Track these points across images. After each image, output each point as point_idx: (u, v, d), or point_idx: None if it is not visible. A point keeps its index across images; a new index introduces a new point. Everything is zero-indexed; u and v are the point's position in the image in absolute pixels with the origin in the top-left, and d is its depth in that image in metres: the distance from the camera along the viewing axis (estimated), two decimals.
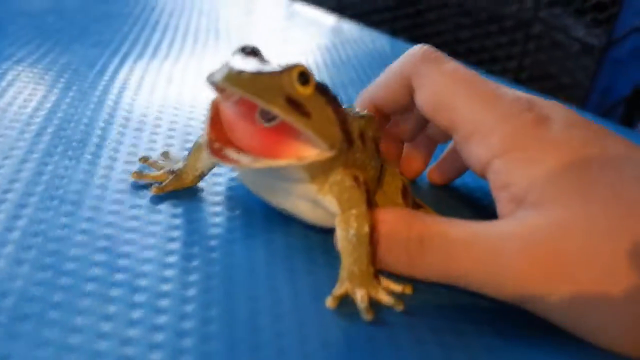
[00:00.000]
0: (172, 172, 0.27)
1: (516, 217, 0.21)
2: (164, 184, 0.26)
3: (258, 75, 0.19)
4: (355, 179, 0.23)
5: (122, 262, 0.22)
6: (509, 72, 0.53)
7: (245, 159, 0.20)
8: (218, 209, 0.26)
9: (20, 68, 0.37)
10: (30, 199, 0.25)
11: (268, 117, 0.21)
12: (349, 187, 0.23)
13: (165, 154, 0.29)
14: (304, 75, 0.20)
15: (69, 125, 0.31)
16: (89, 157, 0.28)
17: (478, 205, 0.30)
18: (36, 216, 0.24)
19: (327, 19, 0.61)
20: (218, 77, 0.19)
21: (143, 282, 0.21)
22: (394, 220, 0.23)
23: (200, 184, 0.27)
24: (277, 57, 0.46)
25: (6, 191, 0.25)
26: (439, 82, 0.24)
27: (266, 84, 0.19)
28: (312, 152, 0.20)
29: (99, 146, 0.30)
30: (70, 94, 0.35)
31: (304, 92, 0.20)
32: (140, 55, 0.43)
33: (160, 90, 0.37)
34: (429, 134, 0.30)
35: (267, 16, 0.60)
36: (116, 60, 0.41)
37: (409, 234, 0.22)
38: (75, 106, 0.33)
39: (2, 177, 0.26)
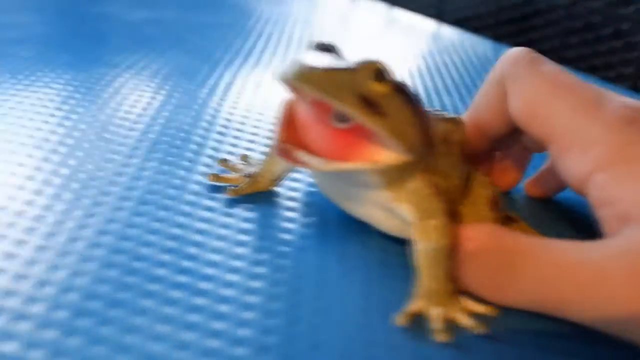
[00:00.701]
0: (248, 175, 0.26)
1: (623, 235, 0.18)
2: (239, 187, 0.26)
3: (330, 72, 0.18)
4: (436, 186, 0.21)
5: (191, 264, 0.22)
6: (626, 79, 0.48)
7: (314, 161, 0.18)
8: (292, 214, 0.25)
9: (126, 75, 0.39)
10: (126, 203, 0.25)
11: (342, 117, 0.19)
12: (428, 195, 0.21)
13: (245, 157, 0.28)
14: (381, 73, 0.18)
15: (168, 132, 0.31)
16: (187, 163, 0.28)
17: (580, 223, 0.27)
18: (130, 220, 0.24)
19: (427, 25, 0.59)
20: (288, 75, 0.18)
21: (205, 285, 0.21)
22: (482, 237, 0.20)
23: (277, 189, 0.27)
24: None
25: (105, 194, 0.25)
26: (536, 87, 0.21)
27: (338, 81, 0.18)
28: (387, 156, 0.19)
29: (196, 152, 0.29)
30: (173, 100, 0.35)
31: (380, 90, 0.18)
32: (231, 62, 0.43)
33: (247, 95, 0.37)
34: (524, 142, 0.27)
35: (365, 22, 0.58)
36: (206, 68, 0.41)
37: (499, 255, 0.20)
38: (177, 113, 0.34)
39: (103, 180, 0.26)
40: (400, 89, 0.19)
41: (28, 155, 0.28)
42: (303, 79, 0.18)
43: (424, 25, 0.59)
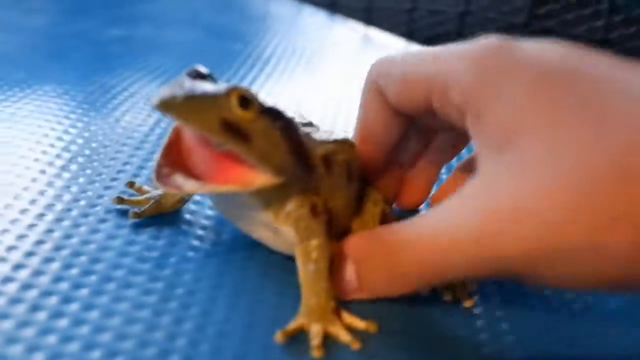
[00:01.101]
0: (153, 197, 0.26)
1: (472, 183, 0.19)
2: (142, 209, 0.26)
3: (192, 98, 0.19)
4: (313, 207, 0.22)
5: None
6: None
7: (189, 185, 0.19)
8: (194, 236, 0.26)
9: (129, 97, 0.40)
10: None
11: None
12: (306, 216, 0.21)
13: (136, 188, 0.28)
14: (245, 99, 0.19)
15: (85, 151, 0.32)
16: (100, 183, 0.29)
17: None
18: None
19: (398, 43, 0.60)
20: (154, 101, 0.19)
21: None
22: (362, 242, 0.22)
23: (186, 215, 0.27)
24: (329, 78, 0.46)
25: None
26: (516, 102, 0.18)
27: (200, 107, 0.18)
28: (257, 178, 0.20)
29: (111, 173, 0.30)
30: (86, 119, 0.36)
31: (245, 116, 0.19)
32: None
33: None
34: (429, 158, 0.28)
35: (342, 41, 0.59)
36: (153, 85, 0.42)
37: (383, 252, 0.21)
38: (94, 131, 0.35)
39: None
40: (269, 114, 0.20)
41: None
42: (166, 105, 0.18)
43: (395, 44, 0.60)
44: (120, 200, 0.26)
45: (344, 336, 0.21)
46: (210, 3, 0.68)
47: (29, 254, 0.23)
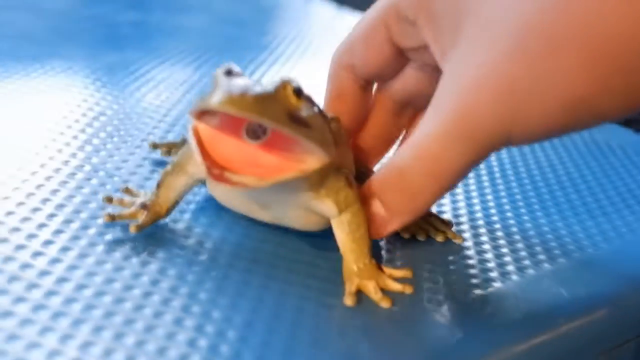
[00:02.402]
0: (144, 206, 0.25)
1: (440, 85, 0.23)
2: (140, 220, 0.25)
3: (258, 96, 0.20)
4: (347, 178, 0.24)
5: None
6: None
7: (250, 180, 0.20)
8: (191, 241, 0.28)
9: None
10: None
11: (256, 135, 0.21)
12: (343, 187, 0.24)
13: (127, 190, 0.27)
14: (298, 90, 0.21)
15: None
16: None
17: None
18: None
19: None
20: (216, 103, 0.19)
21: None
22: (379, 174, 0.24)
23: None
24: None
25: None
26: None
27: (268, 104, 0.20)
28: (312, 161, 0.21)
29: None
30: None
31: (299, 104, 0.21)
32: (188, 64, 0.46)
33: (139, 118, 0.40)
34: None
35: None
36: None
37: (395, 175, 0.23)
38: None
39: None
40: (310, 100, 0.22)
41: None
42: (239, 106, 0.19)
43: None
44: (111, 217, 0.25)
45: (395, 286, 0.24)
46: None
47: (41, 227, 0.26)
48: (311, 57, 0.52)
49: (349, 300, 0.23)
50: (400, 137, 0.30)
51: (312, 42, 0.56)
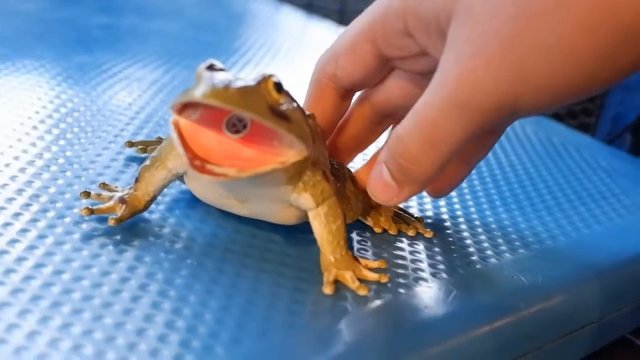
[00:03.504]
0: (122, 200, 0.25)
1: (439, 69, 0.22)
2: (119, 214, 0.25)
3: (241, 89, 0.20)
4: (324, 173, 0.25)
5: None
6: (588, 128, 0.51)
7: (231, 172, 0.21)
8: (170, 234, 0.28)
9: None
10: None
11: (235, 129, 0.22)
12: (320, 181, 0.24)
13: (103, 185, 0.27)
14: (278, 84, 0.22)
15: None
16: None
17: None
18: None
19: None
20: (200, 95, 0.20)
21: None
22: (394, 137, 0.23)
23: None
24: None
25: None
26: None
27: (250, 96, 0.21)
28: (291, 154, 0.22)
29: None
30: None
31: (279, 98, 0.22)
32: (160, 67, 0.47)
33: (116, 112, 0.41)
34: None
35: (318, 39, 0.63)
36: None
37: (419, 128, 0.23)
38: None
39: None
40: (289, 95, 0.23)
41: None
42: (222, 98, 0.20)
43: None
44: (89, 211, 0.25)
45: (371, 275, 0.25)
46: None
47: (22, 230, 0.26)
48: (281, 62, 0.53)
49: (327, 289, 0.24)
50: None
51: (282, 47, 0.57)
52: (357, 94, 0.30)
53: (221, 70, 0.22)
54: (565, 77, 0.20)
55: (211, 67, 0.22)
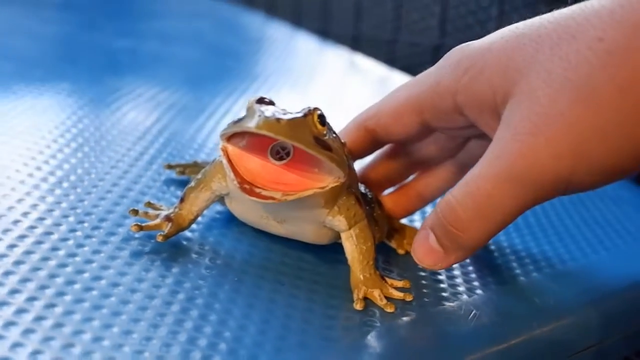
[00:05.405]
0: (168, 218, 0.27)
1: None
2: (166, 231, 0.27)
3: (291, 121, 0.23)
4: (356, 197, 0.27)
5: None
6: None
7: (277, 195, 0.23)
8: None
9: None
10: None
11: (279, 155, 0.24)
12: (353, 205, 0.26)
13: (149, 204, 0.29)
14: (322, 117, 0.24)
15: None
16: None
17: None
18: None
19: (380, 70, 0.66)
20: (254, 126, 0.22)
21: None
22: (445, 206, 0.24)
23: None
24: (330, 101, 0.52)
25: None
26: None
27: (299, 128, 0.23)
28: (331, 180, 0.24)
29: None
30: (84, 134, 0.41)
31: (323, 130, 0.24)
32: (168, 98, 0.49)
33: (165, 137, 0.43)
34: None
35: (329, 67, 0.65)
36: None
37: (469, 202, 0.24)
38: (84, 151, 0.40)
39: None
40: (329, 126, 0.25)
41: None
42: (275, 129, 0.22)
43: (378, 70, 0.66)
44: (139, 227, 0.27)
45: (397, 294, 0.27)
46: (213, 25, 0.73)
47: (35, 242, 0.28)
48: (298, 88, 0.56)
49: (358, 306, 0.26)
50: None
51: (298, 73, 0.60)
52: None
53: (270, 103, 0.24)
54: (620, 159, 0.22)
55: (261, 101, 0.24)
